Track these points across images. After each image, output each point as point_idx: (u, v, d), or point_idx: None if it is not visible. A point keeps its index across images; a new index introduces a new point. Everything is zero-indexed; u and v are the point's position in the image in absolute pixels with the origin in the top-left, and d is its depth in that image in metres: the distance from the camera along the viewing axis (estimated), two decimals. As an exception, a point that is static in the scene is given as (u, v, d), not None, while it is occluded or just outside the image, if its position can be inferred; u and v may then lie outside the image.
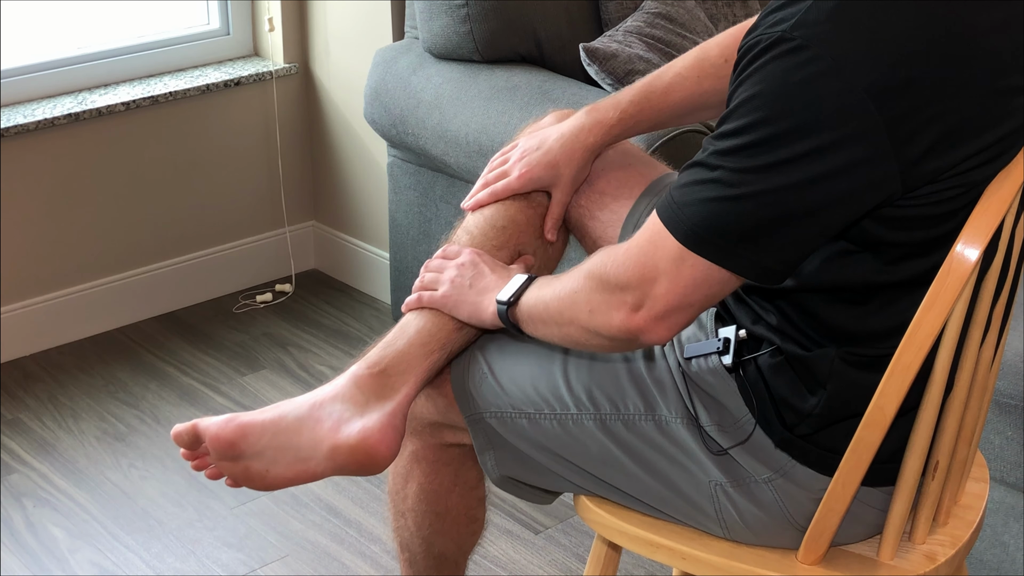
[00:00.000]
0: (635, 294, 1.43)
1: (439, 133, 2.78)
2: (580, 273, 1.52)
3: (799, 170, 1.35)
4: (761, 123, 1.35)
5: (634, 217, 1.80)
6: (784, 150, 1.34)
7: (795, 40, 1.33)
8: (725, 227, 1.38)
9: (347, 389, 1.67)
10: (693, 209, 1.39)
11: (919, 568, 1.59)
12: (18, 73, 3.09)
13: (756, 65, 1.36)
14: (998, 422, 2.09)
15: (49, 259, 3.16)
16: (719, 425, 1.59)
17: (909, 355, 1.42)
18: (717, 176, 1.38)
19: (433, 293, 1.71)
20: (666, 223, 1.41)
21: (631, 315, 1.45)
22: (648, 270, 1.42)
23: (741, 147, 1.36)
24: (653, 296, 1.43)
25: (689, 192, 1.40)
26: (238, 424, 1.66)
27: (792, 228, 1.38)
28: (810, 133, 1.33)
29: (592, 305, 1.49)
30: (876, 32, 1.34)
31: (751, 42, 1.38)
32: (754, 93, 1.36)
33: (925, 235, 1.43)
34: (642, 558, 2.44)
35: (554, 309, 1.55)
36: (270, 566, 2.47)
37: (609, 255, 1.48)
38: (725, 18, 2.98)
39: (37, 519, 2.60)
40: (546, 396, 1.68)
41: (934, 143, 1.36)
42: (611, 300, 1.46)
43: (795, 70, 1.33)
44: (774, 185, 1.36)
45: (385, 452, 1.65)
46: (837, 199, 1.37)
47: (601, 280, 1.47)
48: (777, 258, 1.40)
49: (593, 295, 1.48)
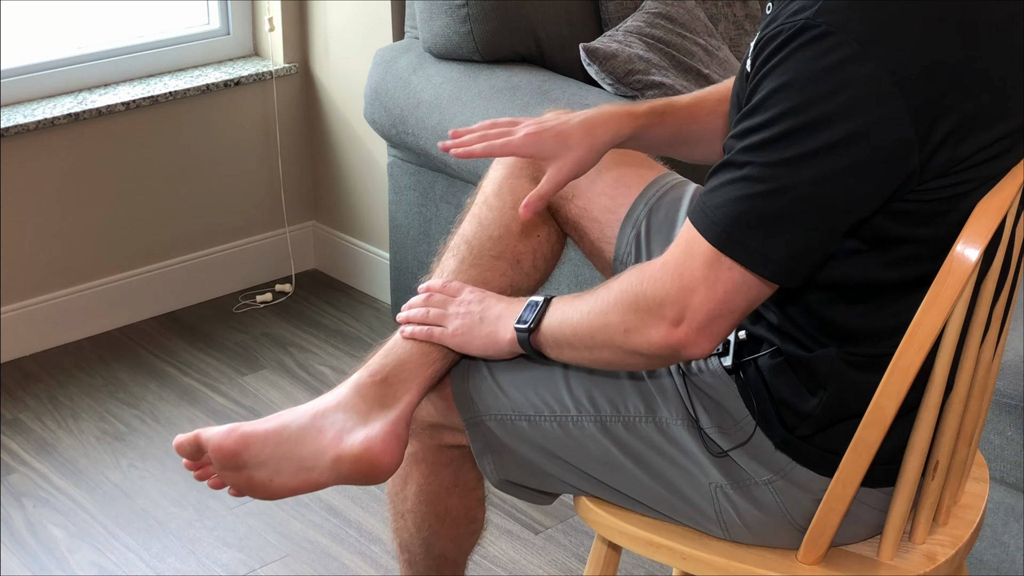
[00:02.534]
0: (674, 308, 1.40)
1: (439, 133, 2.78)
2: (610, 293, 1.48)
3: (831, 160, 1.33)
4: (790, 113, 1.33)
5: (632, 218, 1.80)
6: (814, 140, 1.32)
7: (819, 27, 1.32)
8: (758, 224, 1.35)
9: (349, 398, 1.67)
10: (724, 210, 1.37)
11: (919, 568, 1.59)
12: (18, 73, 3.09)
13: (781, 55, 1.34)
14: (998, 422, 2.09)
15: (49, 259, 3.16)
16: (719, 427, 1.59)
17: (909, 355, 1.42)
18: (747, 173, 1.36)
19: (443, 330, 1.67)
20: (698, 227, 1.39)
21: (671, 330, 1.41)
22: (685, 280, 1.39)
23: (771, 140, 1.34)
24: (693, 307, 1.39)
25: (719, 193, 1.38)
26: (240, 434, 1.66)
27: (823, 221, 1.36)
28: (839, 121, 1.32)
29: (628, 325, 1.45)
30: (899, 16, 1.33)
31: (771, 33, 1.36)
32: (781, 83, 1.34)
33: (931, 232, 1.43)
34: (642, 558, 2.44)
35: (584, 332, 1.51)
36: (270, 566, 2.47)
37: (641, 272, 1.45)
38: (725, 18, 2.98)
39: (37, 519, 2.60)
40: (546, 398, 1.68)
41: (950, 132, 1.36)
42: (648, 318, 1.42)
43: (821, 57, 1.32)
44: (806, 178, 1.34)
45: (388, 462, 1.64)
46: (866, 188, 1.35)
47: (636, 298, 1.44)
48: (808, 255, 1.37)
49: (628, 315, 1.45)
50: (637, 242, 1.79)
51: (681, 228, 1.42)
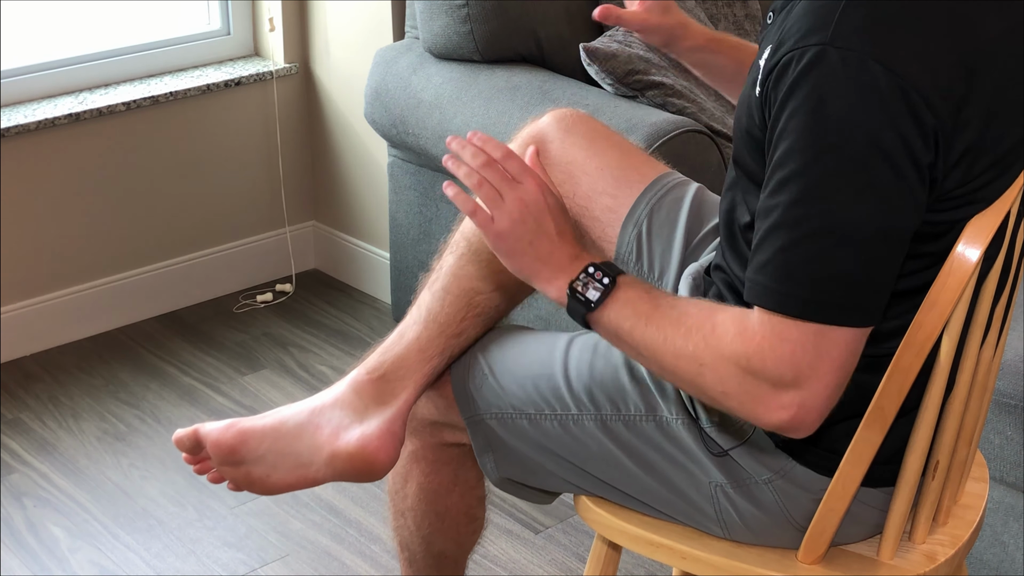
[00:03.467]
0: (795, 394, 1.34)
1: (439, 133, 2.78)
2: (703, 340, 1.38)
3: (882, 189, 1.31)
4: (826, 151, 1.30)
5: (633, 217, 1.80)
6: (862, 176, 1.30)
7: (839, 49, 1.30)
8: (839, 277, 1.32)
9: (346, 395, 1.67)
10: (800, 274, 1.32)
11: (919, 568, 1.59)
12: (18, 73, 3.09)
13: (802, 86, 1.31)
14: (998, 422, 2.09)
15: (49, 259, 3.16)
16: (719, 426, 1.59)
17: (909, 355, 1.42)
18: (811, 229, 1.31)
19: (488, 219, 1.48)
20: (782, 309, 1.32)
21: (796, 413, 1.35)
22: (799, 364, 1.33)
23: (814, 185, 1.30)
24: (814, 391, 1.34)
25: (782, 261, 1.33)
26: (238, 430, 1.66)
27: (890, 247, 1.34)
28: (878, 147, 1.30)
29: (727, 388, 1.37)
30: (912, 36, 1.32)
31: (784, 60, 1.33)
32: (808, 122, 1.30)
33: (934, 248, 1.42)
34: (642, 558, 2.44)
35: (668, 364, 1.41)
36: (270, 566, 2.47)
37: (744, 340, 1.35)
38: (725, 18, 2.98)
39: (37, 519, 2.60)
40: (547, 397, 1.68)
41: (964, 152, 1.36)
42: (762, 397, 1.35)
43: (848, 84, 1.29)
44: (864, 214, 1.31)
45: (384, 459, 1.65)
46: (912, 207, 1.33)
47: (743, 374, 1.35)
48: (886, 287, 1.35)
49: (729, 384, 1.36)
50: (638, 241, 1.79)
51: (752, 314, 1.35)
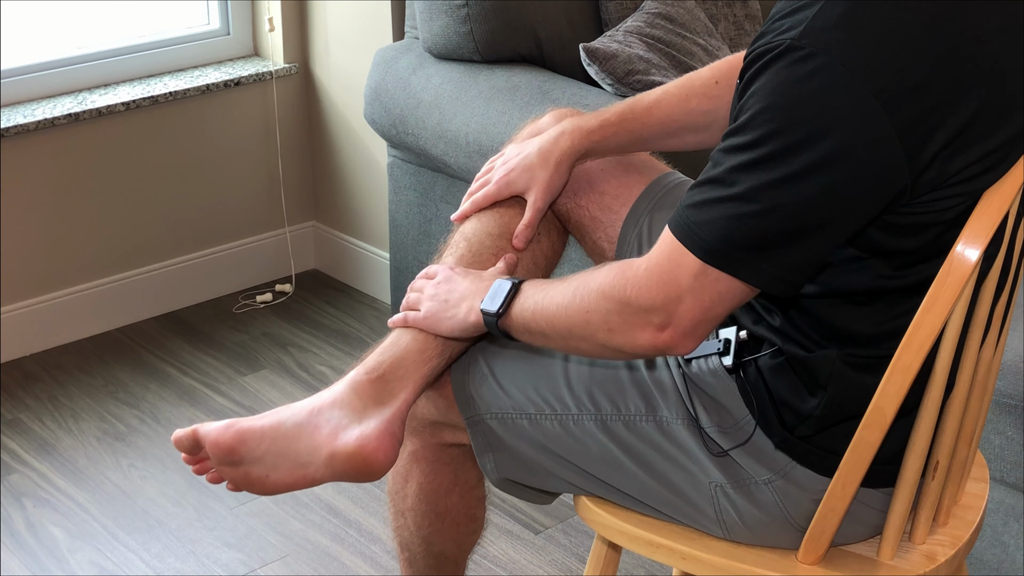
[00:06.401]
0: (660, 314, 1.44)
1: (439, 133, 2.78)
2: (589, 291, 1.50)
3: (817, 181, 1.35)
4: (775, 134, 1.35)
5: (634, 217, 1.80)
6: (800, 161, 1.34)
7: (804, 48, 1.33)
8: (747, 242, 1.38)
9: (345, 395, 1.67)
10: (712, 227, 1.39)
11: (919, 568, 1.59)
12: (18, 73, 3.09)
13: (766, 75, 1.36)
14: (998, 422, 2.09)
15: (49, 259, 3.16)
16: (719, 426, 1.59)
17: (909, 356, 1.43)
18: (735, 192, 1.38)
19: (416, 314, 1.70)
20: (685, 242, 1.41)
21: (657, 334, 1.45)
22: (672, 290, 1.42)
23: (757, 161, 1.36)
24: (679, 314, 1.43)
25: (707, 210, 1.40)
26: (237, 430, 1.66)
27: (811, 238, 1.38)
28: (824, 142, 1.33)
29: (612, 325, 1.48)
30: (885, 37, 1.33)
31: (760, 50, 1.38)
32: (766, 105, 1.36)
33: (929, 242, 1.43)
34: (642, 558, 2.44)
35: (561, 325, 1.53)
36: (270, 566, 2.47)
37: (626, 276, 1.47)
38: (725, 18, 2.98)
39: (37, 519, 2.60)
40: (547, 397, 1.68)
41: (941, 148, 1.37)
42: (634, 321, 1.46)
43: (806, 79, 1.33)
44: (793, 198, 1.36)
45: (382, 460, 1.65)
46: (854, 206, 1.37)
47: (621, 302, 1.46)
48: (798, 268, 1.40)
49: (612, 316, 1.47)
50: (639, 241, 1.79)
51: (662, 235, 1.44)
